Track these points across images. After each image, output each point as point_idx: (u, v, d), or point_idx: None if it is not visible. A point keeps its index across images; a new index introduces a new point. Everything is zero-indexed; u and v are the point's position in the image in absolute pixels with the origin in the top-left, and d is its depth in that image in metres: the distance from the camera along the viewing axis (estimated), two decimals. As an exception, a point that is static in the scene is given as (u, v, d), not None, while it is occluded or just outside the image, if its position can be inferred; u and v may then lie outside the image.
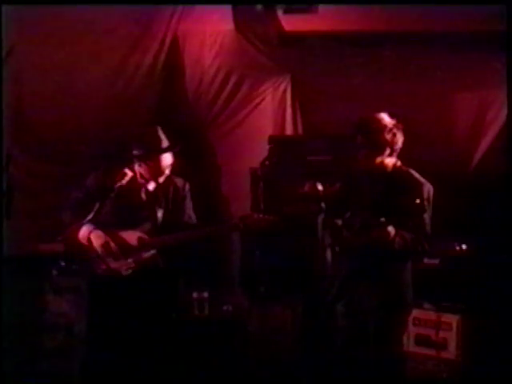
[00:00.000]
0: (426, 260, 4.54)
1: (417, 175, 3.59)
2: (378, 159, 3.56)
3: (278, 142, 5.01)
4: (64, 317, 4.58)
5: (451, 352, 4.35)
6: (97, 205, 3.67)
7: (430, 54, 5.06)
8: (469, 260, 4.47)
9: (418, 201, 3.32)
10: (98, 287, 3.85)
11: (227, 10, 5.05)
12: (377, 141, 3.51)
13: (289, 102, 5.40)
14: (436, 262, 4.53)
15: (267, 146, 4.97)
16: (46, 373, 4.52)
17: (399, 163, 3.63)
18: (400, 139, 3.57)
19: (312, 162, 4.82)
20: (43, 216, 4.79)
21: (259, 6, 4.88)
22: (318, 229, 3.61)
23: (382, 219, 3.31)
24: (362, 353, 3.51)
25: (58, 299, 4.61)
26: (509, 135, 4.51)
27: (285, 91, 5.40)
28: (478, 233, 4.51)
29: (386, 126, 3.52)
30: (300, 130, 5.41)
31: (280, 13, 4.92)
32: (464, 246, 4.51)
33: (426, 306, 4.47)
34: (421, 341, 4.43)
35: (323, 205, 3.56)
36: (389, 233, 3.33)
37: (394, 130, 3.54)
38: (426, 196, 3.50)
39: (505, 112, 4.85)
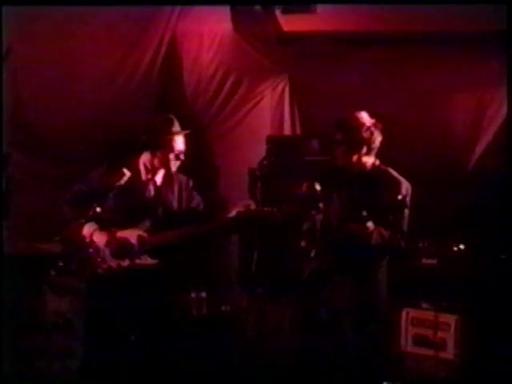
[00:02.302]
0: (424, 260, 4.54)
1: (395, 174, 3.65)
2: (355, 157, 3.63)
3: (276, 142, 5.01)
4: (62, 316, 4.58)
5: (449, 352, 4.33)
6: (95, 205, 3.66)
7: (430, 54, 5.05)
8: (467, 260, 4.47)
9: (400, 197, 3.37)
10: (97, 287, 3.84)
11: (225, 10, 5.05)
12: (354, 138, 3.59)
13: (287, 102, 5.41)
14: (434, 261, 4.53)
15: (265, 146, 4.98)
16: (44, 372, 4.52)
17: (378, 162, 3.69)
18: (378, 138, 3.64)
19: (310, 162, 4.82)
20: (42, 216, 4.80)
21: (258, 6, 4.89)
22: (316, 228, 3.61)
23: (364, 213, 3.36)
24: (340, 350, 3.57)
25: (56, 299, 4.61)
26: (509, 135, 4.50)
27: (283, 91, 5.41)
28: (477, 233, 4.51)
29: (363, 124, 3.61)
30: (298, 130, 5.42)
31: (278, 13, 4.93)
32: (462, 246, 4.51)
33: (424, 305, 4.45)
34: (419, 341, 4.41)
35: (321, 205, 3.57)
36: (367, 228, 3.39)
37: (372, 129, 3.62)
38: (404, 194, 3.54)
39: (504, 111, 4.85)
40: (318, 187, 3.61)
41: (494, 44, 4.58)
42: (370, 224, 3.39)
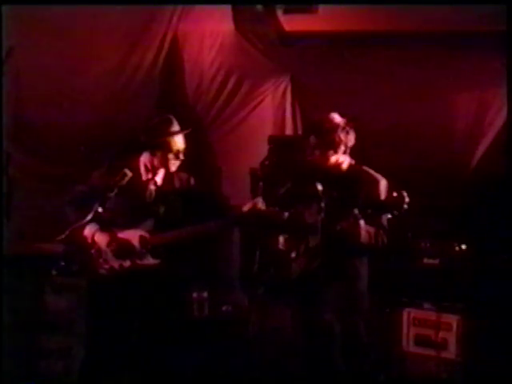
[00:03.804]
0: (425, 260, 4.55)
1: (372, 172, 3.68)
2: (333, 158, 3.67)
3: (278, 142, 5.02)
4: (64, 317, 4.57)
5: (451, 352, 4.34)
6: (96, 205, 3.65)
7: (430, 54, 5.06)
8: (469, 260, 4.48)
9: (395, 194, 3.35)
10: (98, 287, 3.84)
11: (227, 9, 5.04)
12: (332, 140, 3.61)
13: (289, 102, 5.41)
14: (436, 261, 4.54)
15: (267, 146, 4.98)
16: (45, 373, 4.52)
17: (353, 162, 3.72)
18: (353, 137, 3.67)
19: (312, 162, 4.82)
20: (43, 216, 4.79)
21: (259, 6, 4.88)
22: (318, 228, 3.62)
23: (356, 211, 3.38)
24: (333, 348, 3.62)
25: (57, 299, 4.60)
26: (509, 135, 4.50)
27: (285, 91, 5.42)
28: (478, 233, 4.51)
29: (339, 124, 3.62)
30: (300, 130, 5.42)
31: (280, 13, 4.92)
32: (464, 246, 4.52)
33: (426, 306, 4.47)
34: (421, 341, 4.43)
35: (323, 204, 3.58)
36: (359, 225, 3.42)
37: (347, 129, 3.63)
38: (383, 190, 3.59)
39: (505, 112, 4.85)
40: (319, 187, 3.62)
41: (494, 44, 4.58)
42: (361, 222, 3.42)
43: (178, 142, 3.83)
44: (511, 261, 4.28)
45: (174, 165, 3.87)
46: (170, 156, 3.82)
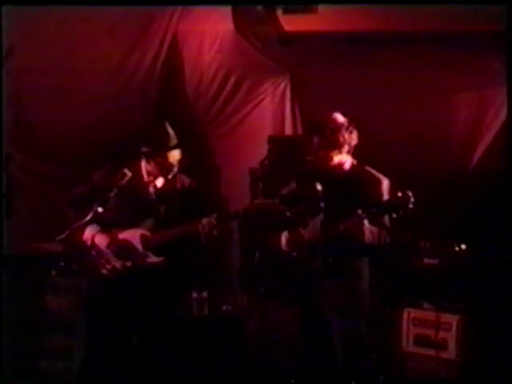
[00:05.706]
0: (425, 260, 4.55)
1: (374, 171, 3.68)
2: (337, 158, 3.66)
3: (278, 142, 5.02)
4: (63, 317, 4.58)
5: (451, 352, 4.34)
6: (96, 205, 3.66)
7: (430, 54, 5.05)
8: (468, 260, 4.48)
9: (399, 194, 3.35)
10: (98, 287, 3.84)
11: (227, 10, 5.04)
12: (336, 140, 3.61)
13: (288, 102, 5.39)
14: (436, 261, 4.54)
15: (267, 146, 4.99)
16: (45, 373, 4.53)
17: (355, 161, 3.72)
18: (356, 136, 3.67)
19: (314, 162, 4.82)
20: (43, 216, 4.79)
21: (259, 6, 4.89)
22: (318, 228, 3.62)
23: (359, 211, 3.38)
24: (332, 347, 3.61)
25: (57, 299, 4.61)
26: (509, 135, 4.50)
27: (284, 91, 5.40)
28: (478, 233, 4.51)
29: (342, 124, 3.62)
30: (299, 130, 5.41)
31: (280, 13, 4.92)
32: (463, 246, 4.53)
33: (426, 305, 4.47)
34: (420, 341, 4.43)
35: (322, 204, 3.58)
36: (363, 225, 3.42)
37: (351, 128, 3.64)
38: (385, 190, 3.60)
39: (504, 112, 4.84)
40: (319, 187, 3.62)
41: (494, 44, 4.58)
42: (365, 222, 3.43)
43: (176, 153, 3.91)
44: (511, 261, 4.28)
45: (171, 174, 3.94)
46: (167, 166, 3.89)
